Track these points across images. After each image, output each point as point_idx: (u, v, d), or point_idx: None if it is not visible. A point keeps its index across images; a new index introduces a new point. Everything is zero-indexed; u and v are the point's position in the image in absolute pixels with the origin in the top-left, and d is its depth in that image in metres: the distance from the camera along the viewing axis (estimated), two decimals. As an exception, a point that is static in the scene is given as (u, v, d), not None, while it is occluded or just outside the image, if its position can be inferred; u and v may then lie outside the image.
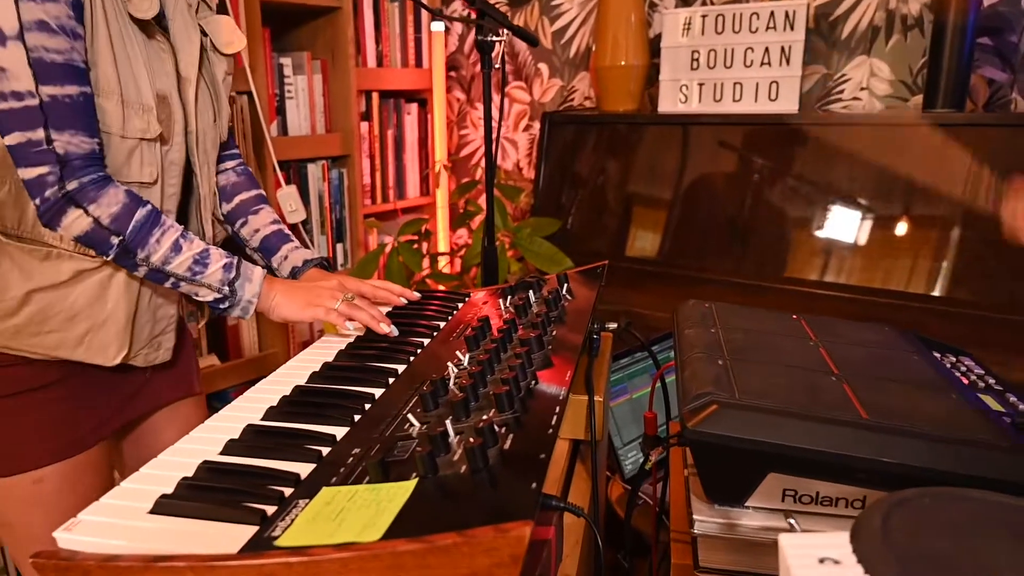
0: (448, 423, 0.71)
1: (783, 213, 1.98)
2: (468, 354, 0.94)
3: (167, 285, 1.03)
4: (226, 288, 1.03)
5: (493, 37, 1.45)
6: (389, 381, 0.91)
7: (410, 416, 0.78)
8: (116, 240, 0.97)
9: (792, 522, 0.64)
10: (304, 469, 0.70)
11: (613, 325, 1.23)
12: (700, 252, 2.08)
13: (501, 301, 1.19)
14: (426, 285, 2.28)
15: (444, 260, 2.54)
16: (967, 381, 0.97)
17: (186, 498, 0.65)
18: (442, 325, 1.14)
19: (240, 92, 2.00)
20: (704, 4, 2.29)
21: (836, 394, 0.80)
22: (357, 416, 0.82)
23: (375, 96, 2.48)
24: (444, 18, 2.55)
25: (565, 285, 1.22)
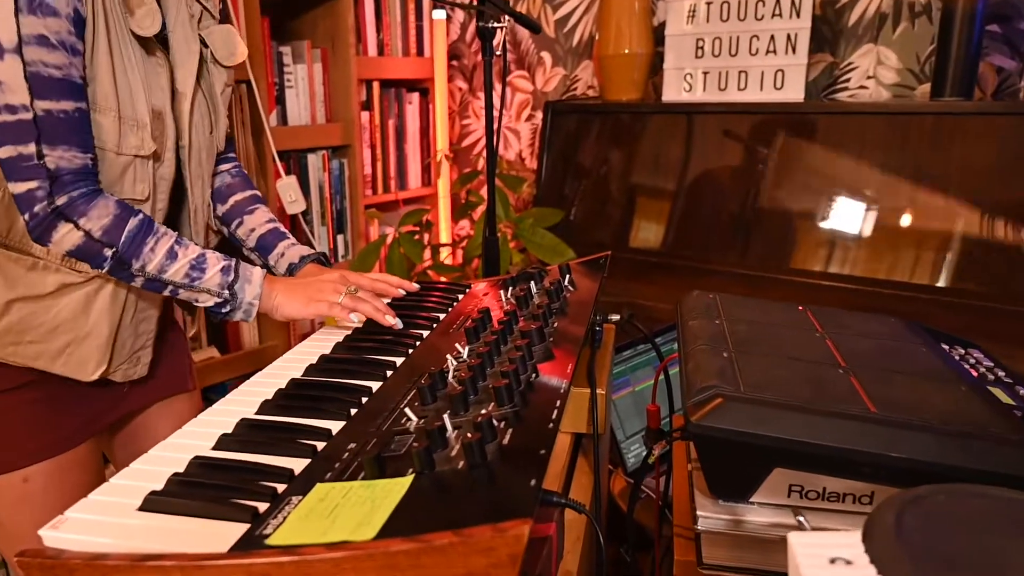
0: (446, 417, 0.69)
1: (788, 203, 1.95)
2: (467, 346, 0.92)
3: (166, 293, 1.01)
4: (226, 292, 1.01)
5: (494, 23, 1.43)
6: (387, 374, 0.90)
7: (407, 410, 0.76)
8: (109, 252, 0.95)
9: (802, 520, 0.62)
10: (298, 464, 0.69)
11: (616, 317, 1.21)
12: (704, 243, 2.06)
13: (502, 292, 1.17)
14: (427, 276, 2.26)
15: (446, 251, 2.52)
16: (976, 374, 0.95)
17: (176, 495, 0.64)
18: (442, 317, 1.12)
19: (239, 81, 1.98)
20: (709, -9, 2.25)
21: (843, 387, 0.78)
22: (354, 410, 0.80)
23: (376, 85, 2.45)
24: (445, 3, 2.52)
25: (567, 276, 1.20)
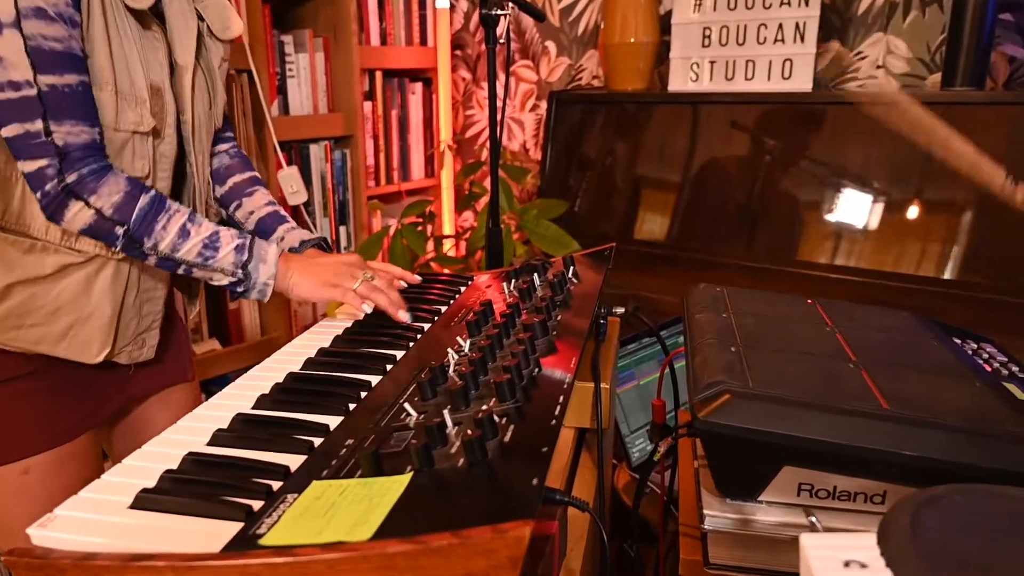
0: (446, 413, 0.68)
1: (795, 195, 1.92)
2: (469, 340, 0.90)
3: (180, 272, 1.00)
4: (240, 271, 1.00)
5: (498, 11, 1.41)
6: (387, 368, 0.88)
7: (407, 405, 0.74)
8: (121, 230, 0.94)
9: (814, 520, 0.60)
10: (294, 461, 0.67)
11: (620, 310, 1.19)
12: (710, 235, 2.03)
13: (505, 285, 1.15)
14: (430, 268, 2.24)
15: (449, 243, 2.50)
16: (990, 369, 0.93)
17: (168, 492, 0.62)
18: (443, 309, 1.10)
19: (240, 71, 1.96)
20: (716, -21, 2.22)
21: (855, 383, 0.76)
22: (352, 405, 0.78)
23: (379, 75, 2.42)
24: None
25: (571, 268, 1.18)
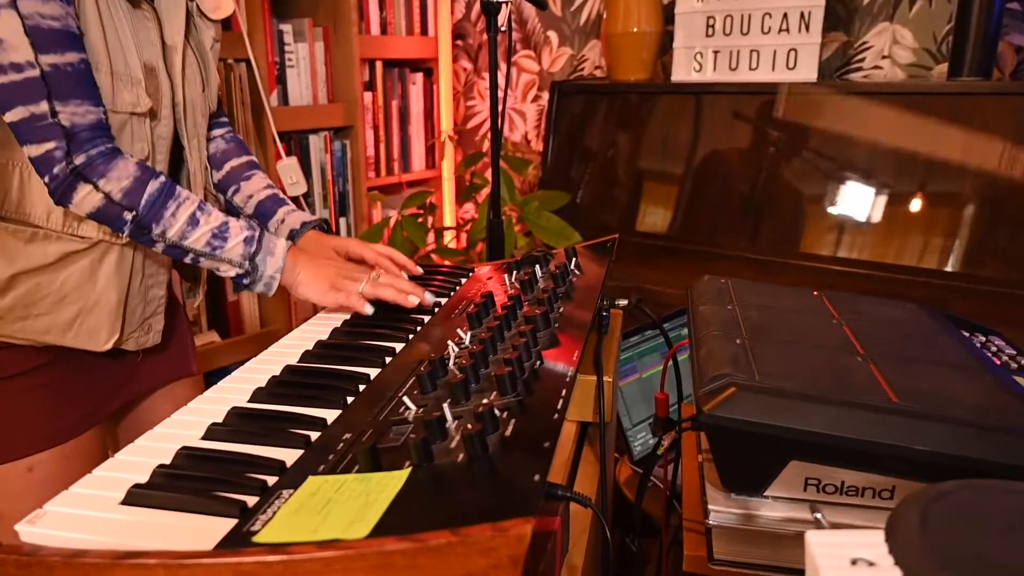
0: (446, 407, 0.66)
1: (799, 186, 1.90)
2: (470, 332, 0.89)
3: (187, 260, 0.98)
4: (247, 263, 0.98)
5: (499, -1, 1.38)
6: (386, 361, 0.86)
7: (406, 399, 0.73)
8: (129, 216, 0.93)
9: (819, 516, 0.59)
10: (290, 456, 0.65)
11: (623, 302, 1.17)
12: (713, 227, 2.01)
13: (506, 276, 1.13)
14: (431, 260, 2.22)
15: (450, 235, 2.48)
16: (999, 362, 0.91)
17: (161, 488, 0.61)
18: (444, 301, 1.09)
19: (238, 60, 1.94)
20: (719, -32, 2.19)
21: (863, 376, 0.74)
22: (350, 398, 0.77)
23: (379, 65, 2.40)
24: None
25: (573, 260, 1.16)
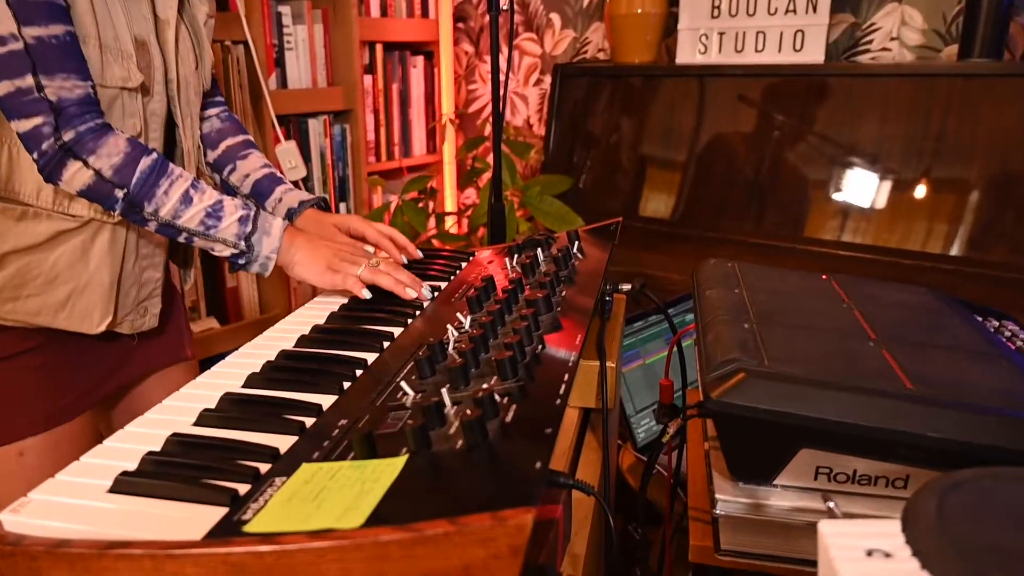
0: (444, 392, 0.64)
1: (805, 171, 1.87)
2: (469, 316, 0.87)
3: (180, 240, 0.96)
4: (242, 243, 0.96)
5: (500, -23, 1.35)
6: (383, 345, 0.84)
7: (404, 384, 0.70)
8: (120, 193, 0.90)
9: (832, 506, 0.57)
10: (284, 442, 0.63)
11: (627, 286, 1.15)
12: (717, 211, 1.99)
13: (507, 260, 1.11)
14: (431, 245, 2.20)
15: (451, 220, 2.46)
16: (1014, 347, 0.89)
17: (150, 475, 0.59)
18: (443, 285, 1.06)
19: (236, 42, 1.91)
20: (725, -52, 2.15)
21: (875, 361, 0.72)
22: (346, 384, 0.75)
23: (379, 48, 2.37)
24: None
25: (576, 243, 1.14)
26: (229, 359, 0.83)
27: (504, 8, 1.38)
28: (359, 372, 0.77)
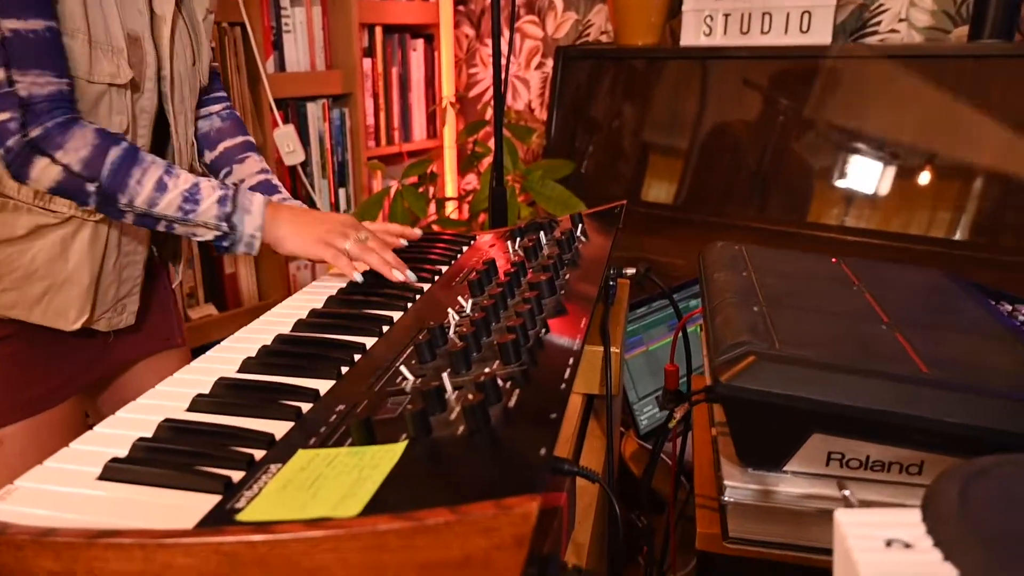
0: (445, 376, 0.62)
1: (811, 154, 1.85)
2: (471, 300, 0.85)
3: (160, 228, 0.93)
4: (224, 224, 0.93)
5: (501, -46, 1.32)
6: (383, 330, 0.82)
7: (403, 368, 0.68)
8: (92, 187, 0.87)
9: (847, 493, 0.55)
10: (280, 428, 0.61)
11: (631, 271, 1.13)
12: (721, 196, 1.96)
13: (509, 244, 1.09)
14: (431, 231, 2.18)
15: (451, 205, 2.43)
16: (1029, 331, 0.87)
17: (140, 462, 0.57)
18: (444, 269, 1.04)
19: (233, 24, 1.88)
20: (730, -72, 2.11)
21: (889, 345, 0.70)
22: (344, 368, 0.73)
23: (378, 31, 2.34)
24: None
25: (579, 226, 1.12)
26: (224, 344, 0.81)
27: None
28: (357, 357, 0.75)
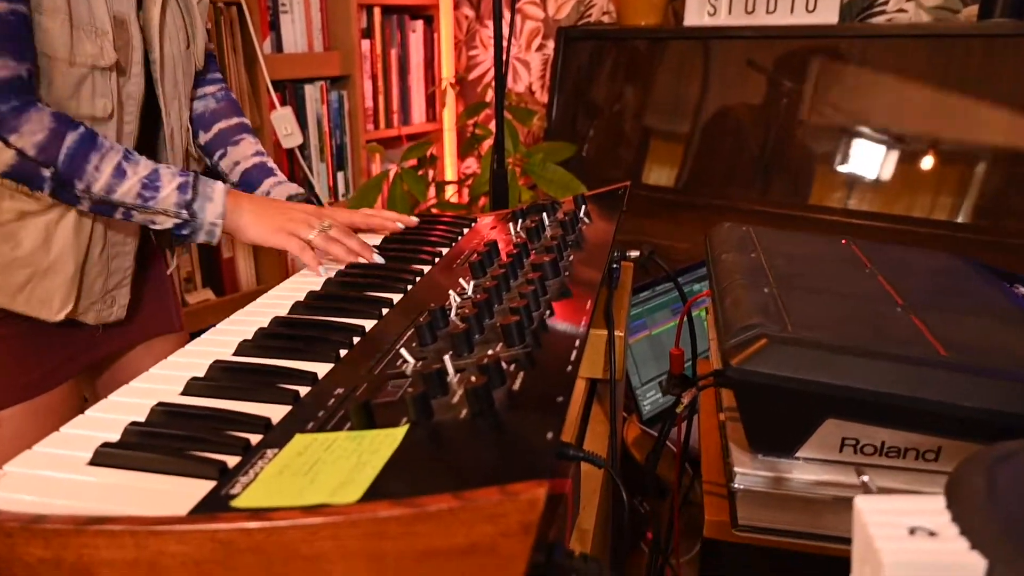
0: (446, 359, 0.60)
1: (817, 137, 1.82)
2: (472, 281, 0.82)
3: (118, 216, 0.91)
4: (184, 212, 0.91)
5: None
6: (382, 312, 0.80)
7: (403, 351, 0.66)
8: (48, 172, 0.84)
9: (866, 480, 0.53)
10: (277, 412, 0.59)
11: (635, 253, 1.10)
12: (723, 179, 1.94)
13: (511, 226, 1.06)
14: (430, 213, 2.15)
15: (451, 189, 2.41)
16: (1044, 314, 0.85)
17: (133, 447, 0.55)
18: (444, 251, 1.02)
19: (229, 3, 1.84)
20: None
21: (905, 328, 0.68)
22: (343, 351, 0.71)
23: (377, 11, 2.30)
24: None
25: (583, 208, 1.09)
26: (220, 326, 0.79)
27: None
28: (356, 340, 0.73)
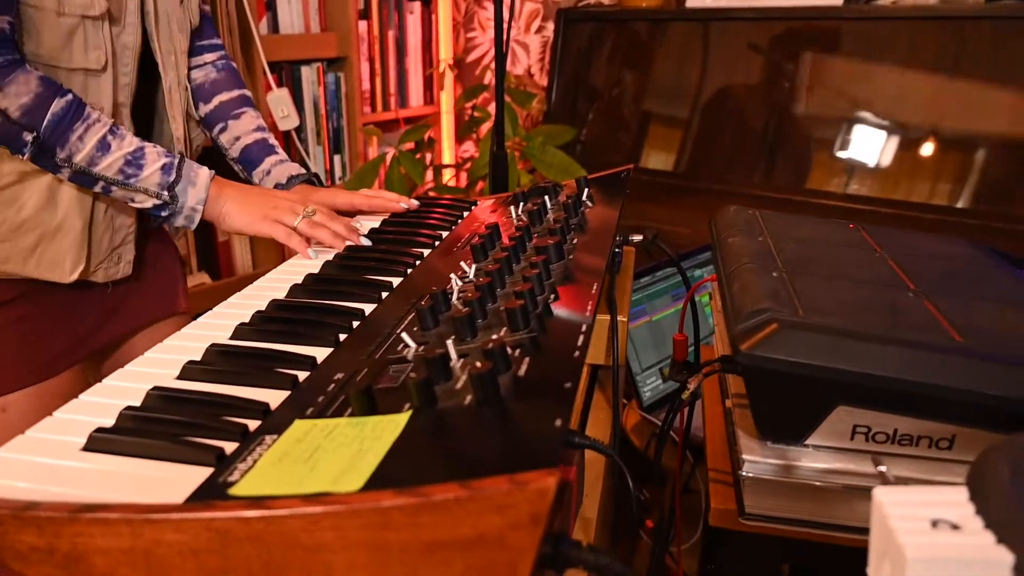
0: (449, 344, 0.58)
1: (820, 121, 1.80)
2: (474, 265, 0.81)
3: (96, 190, 0.89)
4: (165, 193, 0.90)
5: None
6: (382, 296, 0.78)
7: (405, 336, 0.65)
8: (29, 136, 0.83)
9: (883, 469, 0.52)
10: (275, 398, 0.58)
11: (638, 237, 1.09)
12: (725, 164, 1.92)
13: (512, 209, 1.04)
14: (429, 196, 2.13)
15: (449, 173, 2.38)
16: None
17: (128, 432, 0.53)
18: (445, 235, 1.00)
19: (224, -18, 1.81)
20: None
21: (919, 313, 0.66)
22: (343, 335, 0.69)
23: (374, -8, 2.27)
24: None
25: (585, 190, 1.08)
26: (217, 309, 0.77)
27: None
28: (356, 323, 0.72)
